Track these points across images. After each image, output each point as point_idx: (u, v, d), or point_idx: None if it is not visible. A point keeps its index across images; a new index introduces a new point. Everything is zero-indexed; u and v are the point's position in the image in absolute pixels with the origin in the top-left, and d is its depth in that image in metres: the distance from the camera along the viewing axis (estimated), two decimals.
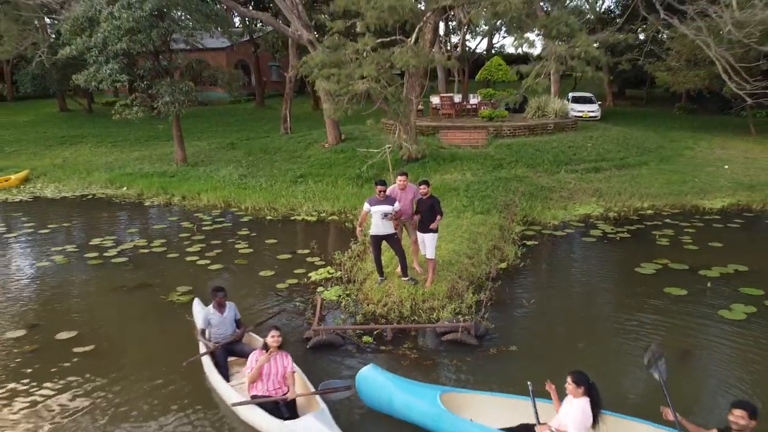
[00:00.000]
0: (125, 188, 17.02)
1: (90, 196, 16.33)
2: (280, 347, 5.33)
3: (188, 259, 10.32)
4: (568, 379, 4.69)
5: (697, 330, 7.20)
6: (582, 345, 6.83)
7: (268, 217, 13.25)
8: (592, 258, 10.32)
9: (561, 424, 4.71)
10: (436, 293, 7.94)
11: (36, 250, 11.17)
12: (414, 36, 9.22)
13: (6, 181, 17.95)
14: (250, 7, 29.69)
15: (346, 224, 12.47)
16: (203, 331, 6.22)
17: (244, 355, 5.93)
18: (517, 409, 5.13)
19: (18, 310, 8.16)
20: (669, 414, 4.58)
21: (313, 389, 5.36)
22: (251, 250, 10.80)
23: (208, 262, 10.11)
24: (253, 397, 5.24)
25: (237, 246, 11.01)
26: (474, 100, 22.74)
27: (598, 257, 10.31)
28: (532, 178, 15.16)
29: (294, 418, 4.98)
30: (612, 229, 11.77)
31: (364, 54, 7.87)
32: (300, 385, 5.53)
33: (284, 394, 5.22)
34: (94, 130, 27.68)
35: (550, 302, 8.26)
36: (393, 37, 9.55)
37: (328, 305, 8.02)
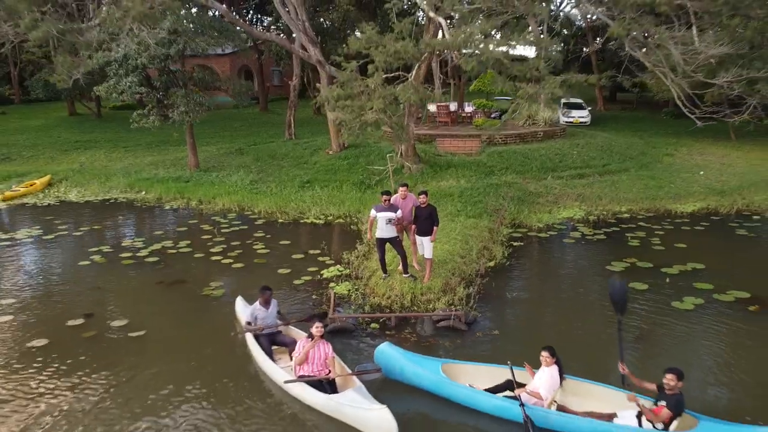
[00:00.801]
0: (143, 192, 18.30)
1: (112, 200, 17.61)
2: (321, 337, 6.63)
3: (213, 258, 11.65)
4: (544, 353, 6.15)
5: (653, 318, 8.55)
6: (554, 329, 8.19)
7: (280, 220, 14.58)
8: (569, 257, 11.68)
9: (534, 386, 6.14)
10: (432, 288, 9.28)
11: (75, 251, 12.47)
12: (413, 72, 10.58)
13: (31, 185, 19.21)
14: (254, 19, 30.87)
15: (351, 227, 13.81)
16: (249, 323, 7.53)
17: (284, 345, 7.27)
18: (502, 375, 6.49)
19: (72, 303, 9.47)
20: (623, 368, 5.99)
21: (349, 371, 6.66)
22: (268, 250, 12.13)
23: (231, 261, 11.44)
24: (300, 376, 6.52)
25: (255, 247, 12.33)
26: (469, 108, 24.08)
27: (575, 257, 11.67)
28: (520, 184, 16.52)
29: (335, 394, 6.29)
30: (590, 231, 13.13)
31: (373, 88, 9.16)
32: (338, 368, 6.79)
33: (327, 375, 6.52)
34: (105, 135, 28.88)
35: (529, 295, 9.63)
36: (396, 74, 10.91)
37: (340, 298, 9.35)
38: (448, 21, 11.59)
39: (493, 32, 11.32)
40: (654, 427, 5.63)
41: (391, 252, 9.98)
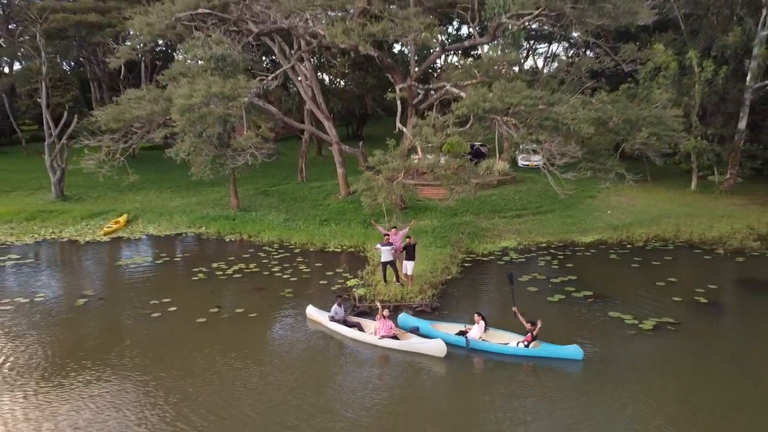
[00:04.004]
0: (204, 228, 25.02)
1: (184, 234, 24.33)
2: (388, 317, 13.46)
3: (275, 275, 18.46)
4: (476, 316, 13.19)
5: (535, 305, 15.47)
6: (480, 307, 15.13)
7: (311, 249, 21.44)
8: (498, 272, 18.65)
9: (472, 332, 13.08)
10: (412, 290, 16.17)
11: (183, 270, 19.19)
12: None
13: (116, 223, 25.81)
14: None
15: (360, 253, 20.71)
16: (331, 318, 14.27)
17: (353, 326, 13.96)
18: (456, 327, 13.40)
19: (203, 301, 16.19)
20: (515, 310, 12.95)
21: (404, 331, 13.55)
22: (309, 269, 18.97)
23: (288, 276, 18.26)
24: (382, 336, 13.25)
25: (300, 267, 19.16)
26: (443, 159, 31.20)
27: (502, 272, 18.62)
28: (476, 222, 23.60)
29: None
30: (517, 256, 20.17)
31: (380, 185, 15.78)
32: (397, 331, 13.55)
33: (394, 336, 13.32)
34: (148, 176, 34.95)
35: (469, 293, 16.58)
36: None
37: (360, 296, 16.18)
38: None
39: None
40: (526, 346, 12.59)
41: (387, 270, 16.88)
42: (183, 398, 11.04)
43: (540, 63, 49.43)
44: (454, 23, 45.74)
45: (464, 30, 46.86)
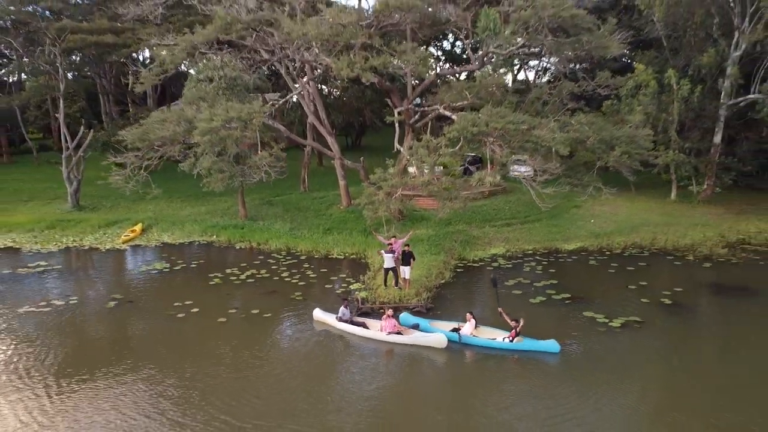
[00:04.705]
0: (215, 236, 26.83)
1: (196, 242, 26.15)
2: (392, 316, 15.36)
3: (285, 279, 20.30)
4: (467, 314, 15.14)
5: (519, 306, 17.34)
6: (471, 308, 17.00)
7: (316, 256, 23.29)
8: (486, 278, 20.52)
9: (464, 329, 14.99)
10: (409, 293, 18.04)
11: (200, 276, 20.99)
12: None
13: (133, 231, 27.60)
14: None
15: (361, 260, 22.57)
16: (339, 318, 16.12)
17: (358, 325, 15.83)
18: (451, 325, 15.30)
19: (223, 301, 18.02)
20: (500, 310, 14.87)
21: (406, 329, 15.43)
22: (315, 275, 20.83)
23: (296, 281, 20.11)
24: (389, 333, 15.16)
25: (307, 273, 21.01)
26: (438, 170, 33.19)
27: (488, 278, 20.50)
28: (467, 231, 25.51)
29: None
30: (505, 262, 22.07)
31: (381, 199, 17.69)
32: (402, 330, 15.49)
33: (399, 332, 15.20)
34: (158, 186, 37.17)
35: (460, 295, 18.46)
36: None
37: (363, 298, 18.04)
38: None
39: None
40: (511, 341, 14.49)
41: (388, 275, 18.77)
42: (217, 384, 12.89)
43: (531, 76, 51.61)
44: (450, 38, 47.82)
45: (459, 43, 48.96)
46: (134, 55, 34.26)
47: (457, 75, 23.33)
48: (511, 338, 14.68)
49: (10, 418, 11.67)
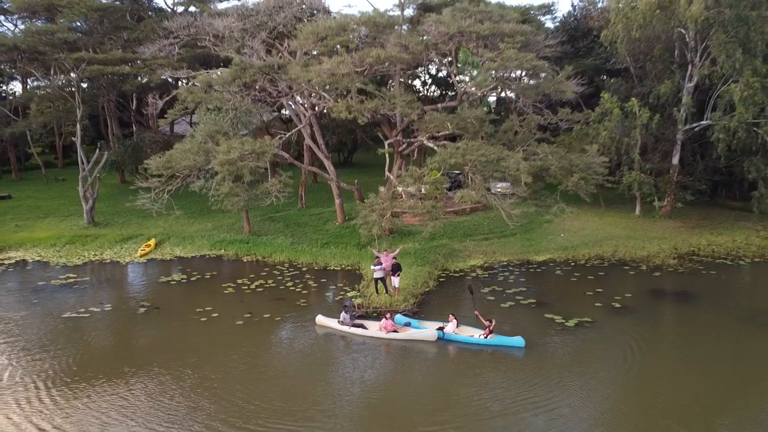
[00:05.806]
0: (223, 250, 29.71)
1: (207, 256, 29.03)
2: (388, 318, 18.41)
3: (290, 288, 23.27)
4: (450, 315, 18.23)
5: (492, 309, 20.41)
6: (450, 311, 20.07)
7: (316, 268, 26.27)
8: (463, 286, 23.61)
9: (447, 328, 18.09)
10: (398, 300, 21.09)
11: (213, 286, 23.89)
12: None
13: (148, 246, 30.38)
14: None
15: (356, 271, 25.59)
16: (341, 322, 19.09)
17: (358, 327, 18.80)
18: (436, 325, 18.39)
19: (235, 307, 20.93)
20: (477, 313, 17.99)
21: (402, 327, 18.50)
22: (316, 284, 23.82)
23: (300, 290, 23.08)
24: (388, 332, 18.21)
25: (309, 283, 24.00)
26: (424, 189, 36.36)
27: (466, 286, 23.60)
28: (450, 244, 28.63)
29: None
30: (482, 273, 25.19)
31: (375, 218, 20.80)
32: (398, 329, 18.56)
33: (395, 330, 18.25)
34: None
35: (442, 301, 21.54)
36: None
37: (358, 304, 21.03)
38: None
39: None
40: (485, 338, 17.59)
41: (378, 284, 21.82)
42: (245, 376, 15.85)
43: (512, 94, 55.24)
44: (434, 63, 51.16)
45: (443, 67, 52.33)
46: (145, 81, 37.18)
47: (438, 109, 26.45)
48: (485, 335, 17.76)
49: (104, 398, 14.55)
